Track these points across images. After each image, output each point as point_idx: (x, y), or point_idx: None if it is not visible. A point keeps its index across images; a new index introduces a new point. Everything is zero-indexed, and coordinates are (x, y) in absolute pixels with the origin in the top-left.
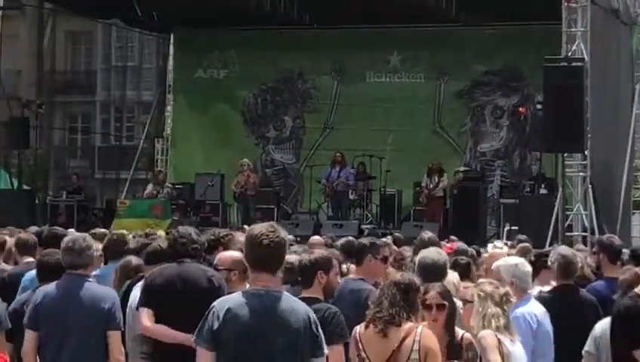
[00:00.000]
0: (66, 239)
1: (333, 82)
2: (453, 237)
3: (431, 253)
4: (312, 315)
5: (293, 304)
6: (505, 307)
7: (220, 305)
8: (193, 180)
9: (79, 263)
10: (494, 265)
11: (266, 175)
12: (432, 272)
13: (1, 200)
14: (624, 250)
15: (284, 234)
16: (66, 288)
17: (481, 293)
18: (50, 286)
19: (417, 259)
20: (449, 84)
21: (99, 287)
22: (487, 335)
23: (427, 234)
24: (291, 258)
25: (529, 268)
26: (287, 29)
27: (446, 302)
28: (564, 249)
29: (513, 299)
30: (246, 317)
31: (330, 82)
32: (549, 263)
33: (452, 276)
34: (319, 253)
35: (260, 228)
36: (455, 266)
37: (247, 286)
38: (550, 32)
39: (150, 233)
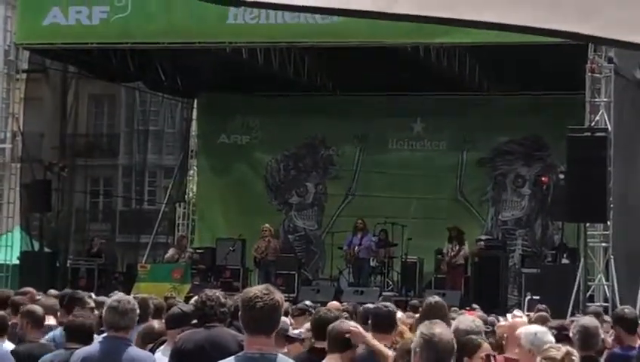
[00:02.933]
0: (110, 299)
1: (356, 149)
2: (474, 306)
3: (468, 321)
4: None
5: None
6: None
7: None
8: (215, 245)
9: (121, 325)
10: (518, 331)
11: (288, 241)
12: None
13: (23, 263)
14: None
15: (280, 296)
16: (107, 351)
17: (544, 359)
18: (91, 349)
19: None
20: (471, 152)
21: (139, 351)
22: None
23: (434, 299)
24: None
25: (549, 338)
26: (310, 95)
27: None
28: (587, 320)
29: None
30: None
31: (352, 149)
32: (571, 334)
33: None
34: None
35: (254, 290)
36: None
37: (286, 349)
38: (573, 102)
39: (169, 297)
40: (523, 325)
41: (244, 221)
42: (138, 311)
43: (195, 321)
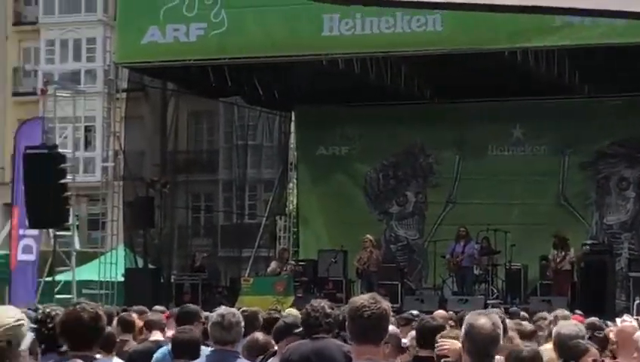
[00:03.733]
0: (215, 314)
1: (455, 156)
2: (578, 312)
3: (570, 326)
4: None
5: None
6: None
7: None
8: (316, 257)
9: (227, 339)
10: (635, 336)
11: (390, 250)
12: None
13: (127, 279)
14: None
15: (387, 305)
16: None
17: None
18: None
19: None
20: (573, 156)
21: None
22: None
23: (562, 312)
24: None
25: None
26: (408, 103)
27: None
28: None
29: None
30: None
31: (452, 156)
32: None
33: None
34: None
35: (361, 300)
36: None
37: (399, 360)
38: None
39: (273, 309)
40: (634, 330)
41: (345, 232)
42: (243, 324)
43: (299, 331)
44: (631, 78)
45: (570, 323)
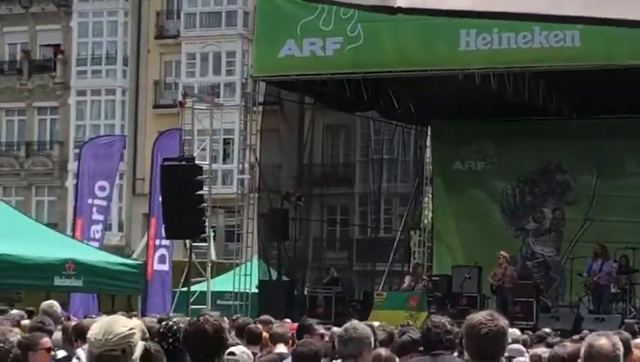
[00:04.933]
0: (341, 328)
1: (593, 172)
2: None
3: None
4: None
5: None
6: None
7: None
8: (450, 272)
9: (344, 352)
10: None
11: (526, 267)
12: None
13: (261, 291)
14: None
15: (504, 322)
16: None
17: None
18: None
19: None
20: None
21: None
22: None
23: None
24: None
25: None
26: (545, 119)
27: None
28: None
29: None
30: None
31: (589, 172)
32: None
33: None
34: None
35: (478, 316)
36: None
37: None
38: None
39: (405, 325)
40: None
41: (480, 248)
42: (371, 338)
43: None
44: None
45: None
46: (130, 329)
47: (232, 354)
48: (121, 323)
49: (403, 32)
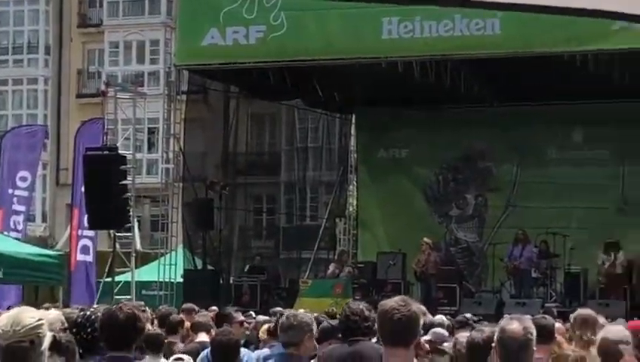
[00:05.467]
0: (284, 316)
1: (515, 159)
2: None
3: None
4: None
5: None
6: None
7: None
8: (375, 259)
9: (286, 340)
10: None
11: (450, 253)
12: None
13: (186, 281)
14: None
15: (417, 307)
16: None
17: None
18: None
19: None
20: (634, 160)
21: None
22: None
23: (584, 310)
24: None
25: None
26: (467, 107)
27: None
28: None
29: None
30: None
31: (511, 159)
32: None
33: None
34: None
35: (391, 302)
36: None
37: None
38: None
39: (330, 312)
40: None
41: (405, 234)
42: (312, 326)
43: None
44: None
45: (617, 328)
46: (39, 320)
47: (180, 359)
48: (29, 315)
49: (326, 21)
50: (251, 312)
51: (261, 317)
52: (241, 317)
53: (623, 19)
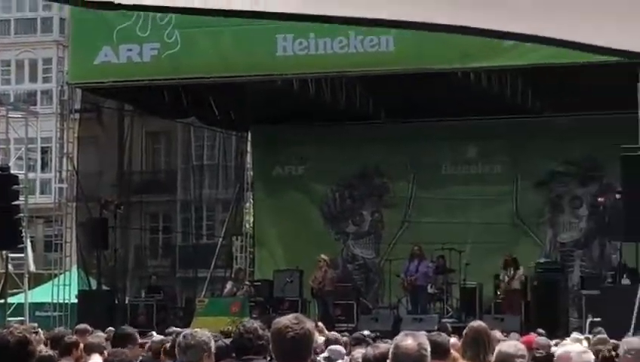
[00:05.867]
0: (181, 336)
1: (410, 176)
2: (540, 330)
3: (510, 346)
4: None
5: None
6: None
7: None
8: (272, 277)
9: (184, 360)
10: (557, 354)
11: (347, 270)
12: None
13: (81, 301)
14: None
15: (310, 325)
16: None
17: None
18: None
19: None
20: (526, 174)
21: None
22: None
23: (476, 323)
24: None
25: (588, 358)
26: (363, 123)
27: None
28: (632, 340)
29: None
30: None
31: (406, 175)
32: (620, 353)
33: None
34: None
35: (284, 321)
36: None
37: None
38: (627, 121)
39: (226, 331)
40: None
41: (302, 252)
42: (210, 344)
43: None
44: (583, 97)
45: (512, 343)
46: None
47: None
48: None
49: (220, 38)
50: (152, 333)
51: (157, 337)
52: (138, 338)
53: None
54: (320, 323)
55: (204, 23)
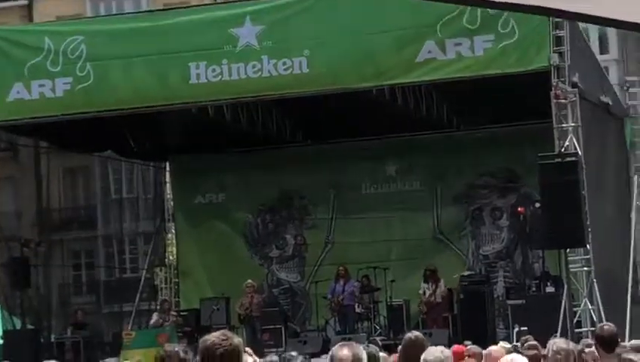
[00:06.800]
0: None
1: (331, 196)
2: (467, 342)
3: (436, 352)
4: None
5: None
6: None
7: None
8: (199, 306)
9: None
10: (503, 358)
11: (272, 295)
12: None
13: (6, 342)
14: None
15: (238, 340)
16: None
17: None
18: None
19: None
20: (445, 189)
21: None
22: None
23: (413, 334)
24: None
25: None
26: (281, 147)
27: None
28: (558, 341)
29: None
30: None
31: (327, 196)
32: (549, 354)
33: None
34: None
35: (212, 338)
36: None
37: None
38: (543, 131)
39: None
40: (499, 354)
41: (227, 279)
42: None
43: None
44: (499, 110)
45: (437, 349)
46: None
47: None
48: None
49: (132, 69)
50: None
51: None
52: None
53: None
54: (248, 349)
55: (116, 54)
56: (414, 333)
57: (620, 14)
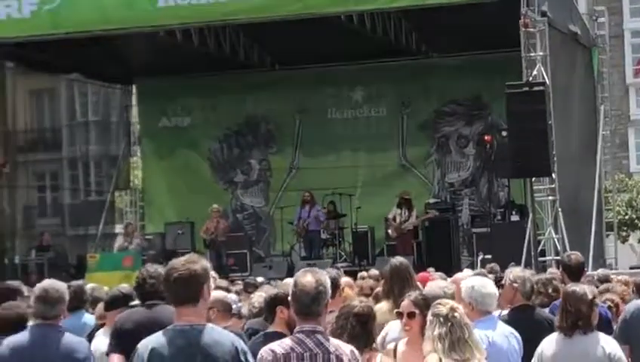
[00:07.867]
0: (38, 288)
1: (296, 122)
2: (430, 269)
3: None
4: (240, 344)
5: (216, 336)
6: (451, 328)
7: (144, 345)
8: (164, 230)
9: (50, 314)
10: (461, 284)
11: (237, 220)
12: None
13: None
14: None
15: (200, 265)
16: (37, 338)
17: (431, 316)
18: (19, 337)
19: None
20: (412, 116)
21: (72, 337)
22: (430, 359)
23: (398, 260)
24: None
25: (490, 290)
26: (248, 72)
27: (417, 311)
28: (515, 269)
29: (461, 318)
30: (170, 355)
31: (292, 122)
32: (506, 283)
33: None
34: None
35: (172, 262)
36: None
37: (230, 323)
38: (511, 59)
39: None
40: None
41: (192, 203)
42: (67, 298)
43: (135, 303)
44: (466, 37)
45: (440, 284)
46: None
47: None
48: None
49: None
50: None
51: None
52: (26, 292)
53: None
54: (214, 273)
55: None
56: (398, 259)
57: None
